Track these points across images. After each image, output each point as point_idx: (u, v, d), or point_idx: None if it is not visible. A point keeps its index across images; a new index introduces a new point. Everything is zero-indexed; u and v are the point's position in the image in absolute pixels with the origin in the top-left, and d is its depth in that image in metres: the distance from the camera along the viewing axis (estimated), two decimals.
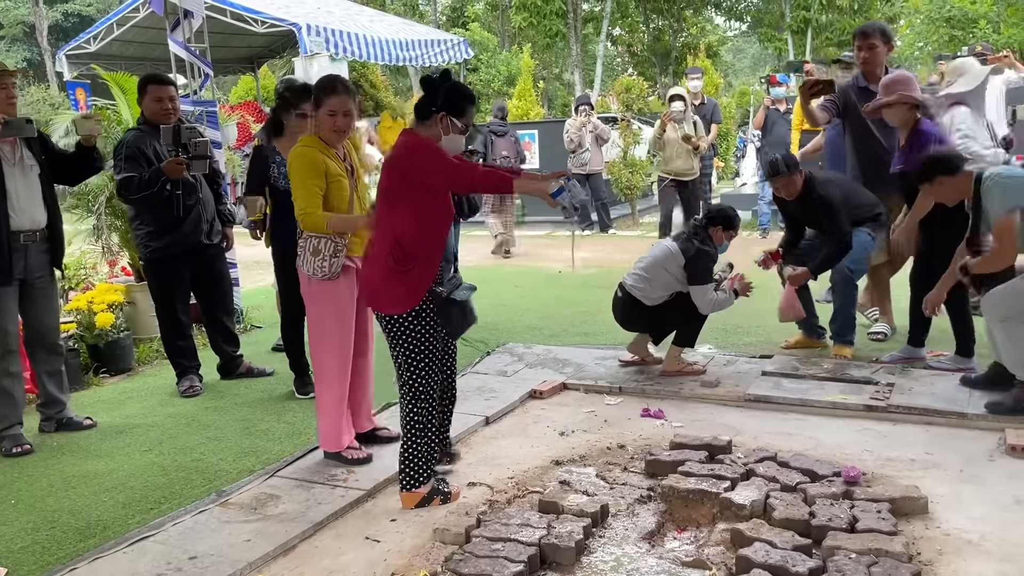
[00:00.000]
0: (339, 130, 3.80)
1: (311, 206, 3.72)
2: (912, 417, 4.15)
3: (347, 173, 3.87)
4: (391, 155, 3.41)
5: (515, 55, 28.43)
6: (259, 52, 15.13)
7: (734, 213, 5.02)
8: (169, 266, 5.15)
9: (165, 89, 5.09)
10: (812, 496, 3.23)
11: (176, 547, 3.14)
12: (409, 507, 3.47)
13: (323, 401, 3.91)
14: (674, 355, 5.00)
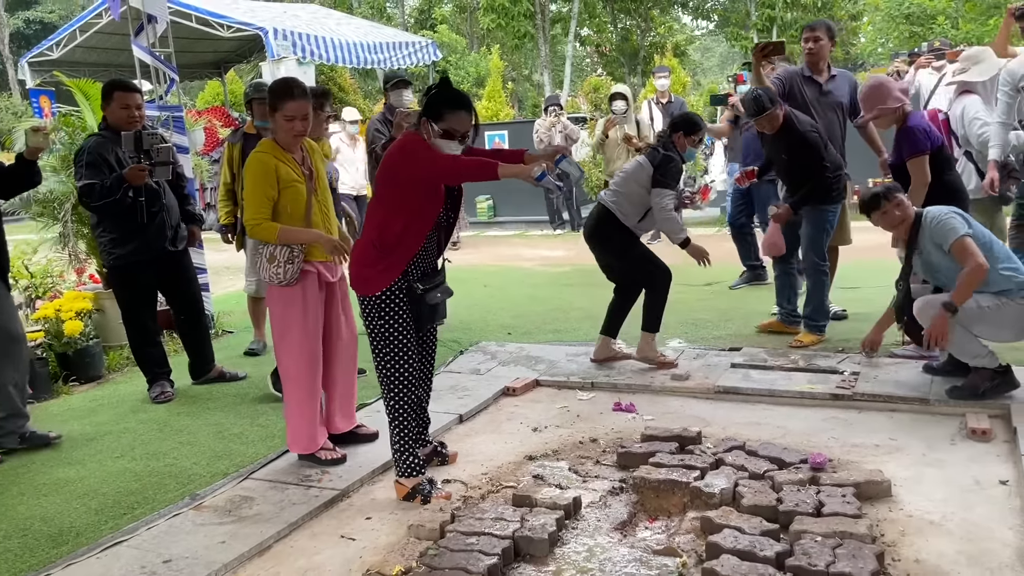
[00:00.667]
0: (297, 134, 3.80)
1: (259, 216, 3.72)
2: (877, 404, 4.24)
3: (305, 178, 3.85)
4: (387, 153, 3.51)
5: (484, 57, 28.47)
6: (226, 57, 15.07)
7: (697, 118, 5.08)
8: (133, 273, 5.12)
9: (132, 96, 5.05)
10: (780, 483, 3.30)
11: (150, 551, 3.14)
12: (400, 498, 3.52)
13: (288, 403, 3.93)
14: (647, 340, 5.06)
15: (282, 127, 3.78)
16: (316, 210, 3.90)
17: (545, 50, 28.22)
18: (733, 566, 2.69)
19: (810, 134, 5.18)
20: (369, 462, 3.89)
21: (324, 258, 3.90)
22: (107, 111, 5.06)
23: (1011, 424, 3.81)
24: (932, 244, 4.13)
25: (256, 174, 3.73)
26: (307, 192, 3.85)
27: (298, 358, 3.87)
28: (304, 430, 3.90)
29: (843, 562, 2.66)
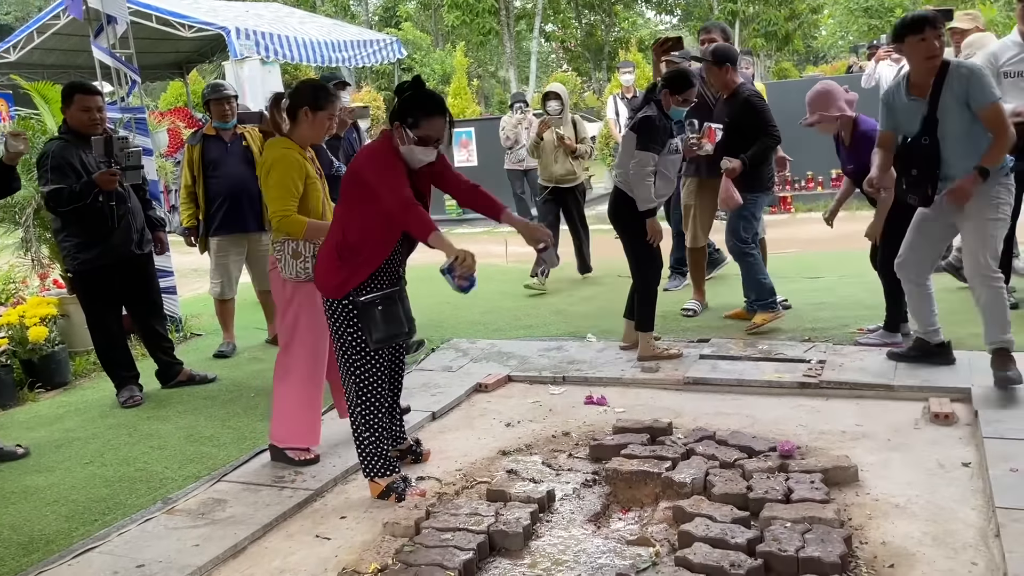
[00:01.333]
0: (330, 132, 4.00)
1: (288, 209, 3.75)
2: (843, 391, 4.32)
3: (318, 176, 3.94)
4: (357, 154, 3.54)
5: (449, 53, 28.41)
6: (188, 57, 14.90)
7: (687, 74, 5.02)
8: (99, 278, 5.06)
9: (93, 99, 4.98)
10: (749, 471, 3.35)
11: (123, 556, 3.12)
12: (374, 496, 3.54)
13: (289, 397, 3.91)
14: (644, 341, 5.09)
15: (323, 125, 3.85)
16: (328, 209, 3.95)
17: (510, 46, 28.24)
18: (705, 554, 2.74)
19: (758, 99, 5.35)
20: (343, 462, 3.89)
21: None
22: (67, 114, 4.99)
23: (972, 408, 3.90)
24: (958, 102, 3.96)
25: (287, 167, 3.75)
26: (321, 191, 3.93)
27: (310, 354, 3.92)
28: (305, 423, 3.92)
29: (812, 547, 2.71)
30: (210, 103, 5.89)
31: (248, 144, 5.90)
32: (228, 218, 5.89)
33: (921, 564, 2.70)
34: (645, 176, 4.87)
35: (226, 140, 5.89)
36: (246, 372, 5.64)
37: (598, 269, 7.91)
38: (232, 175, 5.81)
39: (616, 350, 5.33)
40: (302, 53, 13.39)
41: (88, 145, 4.93)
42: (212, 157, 5.85)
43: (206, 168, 5.85)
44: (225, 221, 5.89)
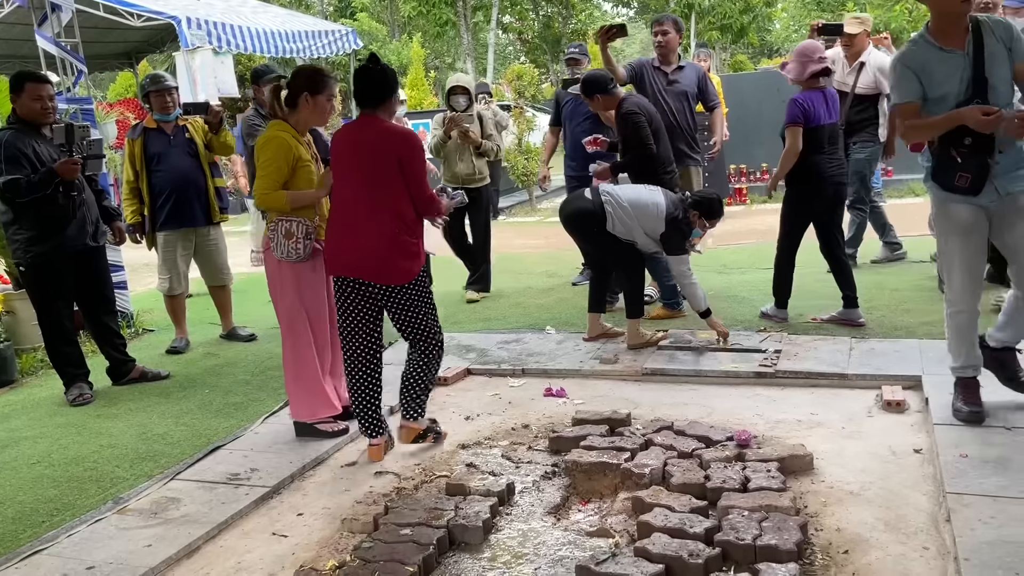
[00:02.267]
0: (330, 115, 4.03)
1: (269, 187, 3.83)
2: (798, 381, 4.37)
3: (313, 160, 3.99)
4: (385, 140, 3.65)
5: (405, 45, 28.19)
6: (137, 47, 14.53)
7: (719, 204, 5.07)
8: (52, 271, 4.93)
9: (44, 87, 4.87)
10: (707, 461, 3.38)
11: (72, 558, 3.04)
12: (408, 440, 3.88)
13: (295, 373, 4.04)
14: (633, 329, 5.11)
15: (324, 109, 3.93)
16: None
17: (467, 38, 28.12)
18: (664, 544, 2.75)
19: (633, 116, 5.30)
20: (300, 457, 3.84)
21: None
22: (17, 103, 4.86)
23: (923, 395, 3.98)
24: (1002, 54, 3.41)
25: (275, 149, 3.83)
26: (317, 175, 3.98)
27: (316, 331, 4.01)
28: (311, 400, 4.06)
29: (769, 535, 2.74)
30: (150, 95, 5.75)
31: (191, 136, 5.79)
32: (174, 213, 5.77)
33: (874, 549, 2.74)
34: (689, 277, 4.96)
35: (168, 133, 5.76)
36: (200, 368, 5.54)
37: (554, 262, 7.91)
38: (176, 168, 5.70)
39: (576, 342, 5.33)
40: (255, 43, 13.15)
41: (39, 136, 4.83)
42: (155, 151, 5.72)
43: (149, 162, 5.71)
44: (171, 216, 5.78)
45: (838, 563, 2.68)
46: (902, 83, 3.52)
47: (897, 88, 3.56)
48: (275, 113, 4.00)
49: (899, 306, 5.57)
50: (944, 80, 3.42)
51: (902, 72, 3.51)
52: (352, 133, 3.77)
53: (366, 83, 3.69)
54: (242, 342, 6.06)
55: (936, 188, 3.57)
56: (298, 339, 4.02)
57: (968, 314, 3.62)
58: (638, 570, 2.62)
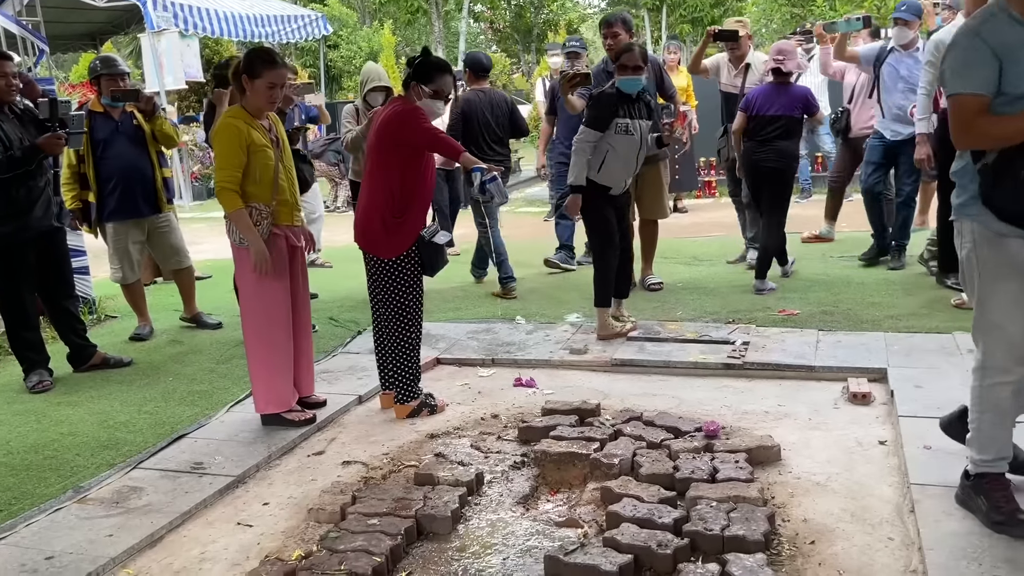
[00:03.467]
0: (274, 102, 3.93)
1: (231, 182, 3.79)
2: (766, 372, 4.40)
3: (272, 144, 3.92)
4: (383, 118, 3.99)
5: (376, 31, 27.95)
6: (101, 28, 14.24)
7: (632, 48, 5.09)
8: (16, 253, 4.82)
9: (7, 64, 4.78)
10: (676, 451, 3.38)
11: (30, 548, 2.97)
12: (401, 417, 4.08)
13: (259, 365, 3.98)
14: (601, 319, 5.10)
15: (263, 95, 3.86)
16: (283, 176, 3.98)
17: (439, 26, 27.97)
18: (633, 534, 2.75)
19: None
20: (265, 446, 3.79)
21: (290, 222, 4.03)
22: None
23: (888, 388, 4.02)
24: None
25: (229, 137, 3.79)
26: (275, 159, 3.92)
27: (270, 319, 3.95)
28: (279, 390, 4.00)
29: (737, 525, 2.75)
30: (101, 78, 5.57)
31: (139, 123, 5.65)
32: (122, 202, 5.63)
33: (840, 540, 2.76)
34: (579, 147, 4.91)
35: (116, 119, 5.61)
36: (163, 355, 5.45)
37: (524, 252, 7.88)
38: (124, 155, 5.54)
39: (546, 332, 5.33)
40: (223, 27, 12.97)
41: (2, 113, 4.74)
42: (101, 136, 5.56)
43: (95, 148, 5.55)
44: (120, 206, 5.64)
45: (805, 553, 2.70)
46: (974, 67, 2.55)
47: (963, 73, 2.58)
48: (234, 98, 3.99)
49: (865, 299, 5.64)
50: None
51: (979, 52, 2.54)
52: (377, 114, 4.28)
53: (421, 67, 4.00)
54: (208, 329, 5.96)
55: (988, 218, 2.64)
56: (259, 326, 3.97)
57: (1016, 385, 2.72)
58: (607, 560, 2.62)
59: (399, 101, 4.03)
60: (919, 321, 5.02)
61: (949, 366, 4.17)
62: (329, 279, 7.27)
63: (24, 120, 4.88)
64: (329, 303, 6.44)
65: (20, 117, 4.86)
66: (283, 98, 5.61)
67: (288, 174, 4.04)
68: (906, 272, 6.26)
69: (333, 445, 3.86)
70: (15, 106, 4.86)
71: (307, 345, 4.22)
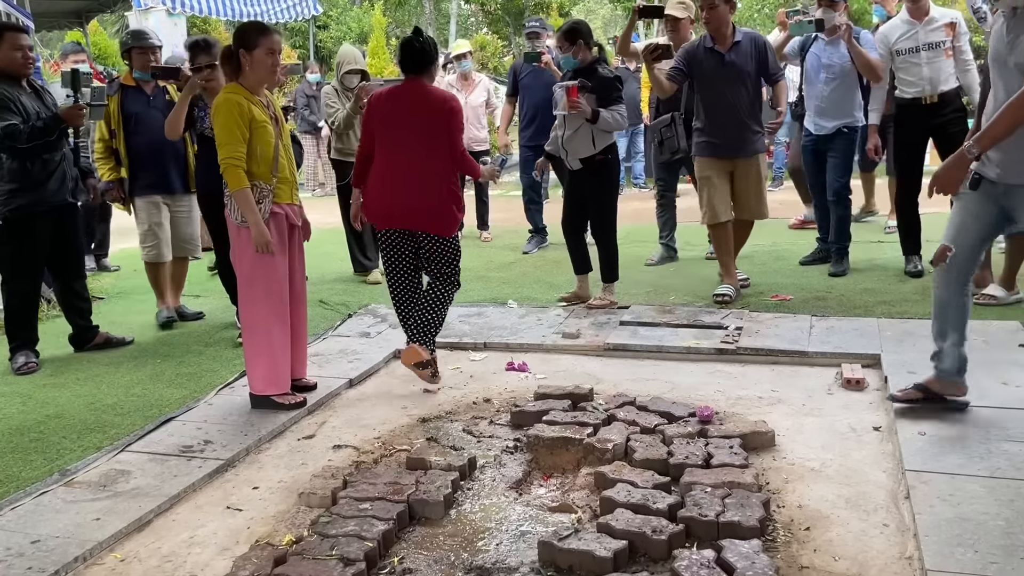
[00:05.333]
0: (275, 70, 3.88)
1: (237, 158, 3.75)
2: (759, 358, 4.39)
3: (272, 121, 3.88)
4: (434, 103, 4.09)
5: (366, 12, 27.69)
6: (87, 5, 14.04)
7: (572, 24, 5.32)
8: (32, 225, 4.77)
9: (23, 37, 4.74)
10: (669, 436, 3.36)
11: (16, 531, 2.92)
12: (408, 363, 4.18)
13: (254, 344, 3.92)
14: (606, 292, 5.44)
15: (263, 63, 3.81)
16: (282, 154, 3.95)
17: (429, 7, 27.73)
18: (627, 519, 2.72)
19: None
20: (255, 429, 3.75)
21: (289, 200, 3.99)
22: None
23: (882, 373, 4.01)
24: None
25: (228, 111, 3.74)
26: (275, 135, 3.87)
27: (268, 300, 3.90)
28: (278, 369, 3.96)
29: (732, 511, 2.73)
30: (132, 51, 5.44)
31: (171, 98, 5.53)
32: (154, 178, 5.51)
33: (835, 526, 2.75)
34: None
35: (148, 93, 5.51)
36: (152, 338, 5.39)
37: (515, 236, 7.85)
38: (156, 130, 5.36)
39: (538, 316, 5.30)
40: (211, 6, 12.80)
41: (19, 87, 4.70)
42: (133, 110, 5.45)
43: (126, 122, 5.44)
44: (153, 180, 5.52)
45: (800, 539, 2.69)
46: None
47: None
48: (229, 78, 3.89)
49: (857, 285, 5.63)
50: None
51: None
52: (399, 95, 4.14)
53: (411, 53, 4.10)
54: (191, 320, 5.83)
55: None
56: (258, 306, 3.92)
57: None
58: (601, 546, 2.60)
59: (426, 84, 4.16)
60: (912, 307, 5.01)
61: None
62: (319, 261, 7.21)
63: (41, 94, 4.85)
64: (319, 285, 6.39)
65: (37, 92, 4.84)
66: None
67: (287, 152, 4.01)
68: (897, 257, 6.21)
69: (324, 429, 3.82)
70: (32, 80, 4.82)
71: (302, 326, 4.18)
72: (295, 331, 4.10)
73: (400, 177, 4.08)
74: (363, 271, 6.70)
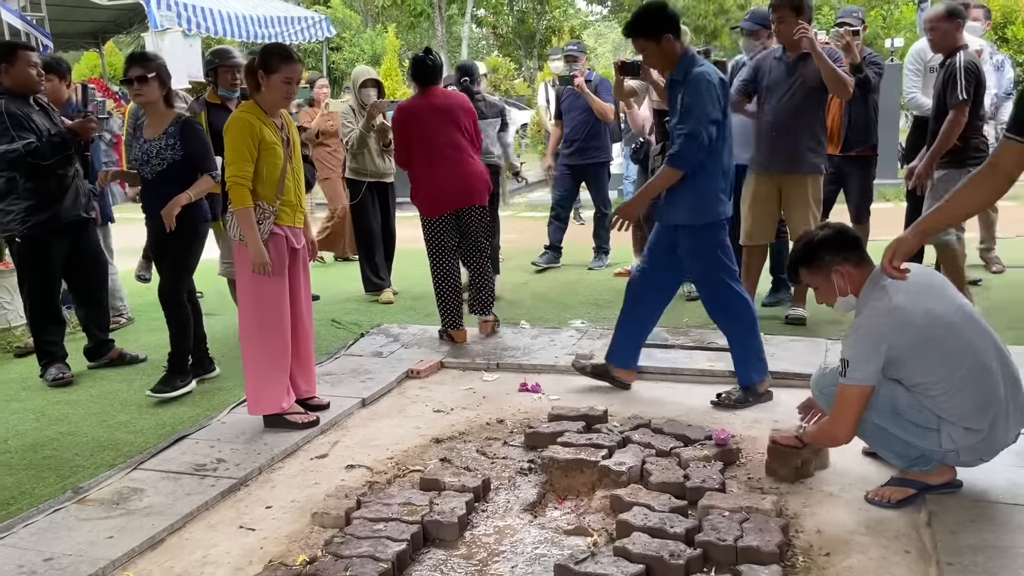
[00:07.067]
0: (289, 98, 3.93)
1: (241, 176, 3.77)
2: (774, 381, 4.33)
3: (283, 143, 3.90)
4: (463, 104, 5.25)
5: (379, 34, 27.94)
6: (104, 27, 14.23)
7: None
8: (49, 243, 4.81)
9: (33, 55, 4.82)
10: (686, 460, 3.33)
11: (29, 549, 2.91)
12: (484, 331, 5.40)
13: (253, 365, 3.91)
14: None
15: (279, 90, 3.84)
16: (289, 176, 3.95)
17: (441, 30, 27.95)
18: (644, 543, 2.69)
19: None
20: (268, 448, 3.73)
21: (291, 223, 3.98)
22: (9, 73, 4.72)
23: None
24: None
25: (239, 131, 3.78)
26: (284, 158, 3.88)
27: (263, 319, 3.90)
28: (271, 391, 3.93)
29: (751, 536, 2.70)
30: (217, 70, 5.48)
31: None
32: None
33: (856, 552, 2.71)
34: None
35: (232, 110, 5.53)
36: (163, 355, 5.35)
37: (528, 256, 7.84)
38: None
39: (551, 337, 5.28)
40: (226, 27, 12.91)
41: (28, 104, 4.76)
42: (218, 128, 5.46)
43: (214, 140, 5.48)
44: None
45: (820, 565, 2.65)
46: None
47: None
48: (250, 93, 3.93)
49: None
50: None
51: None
52: (431, 101, 5.15)
53: (424, 67, 5.15)
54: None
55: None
56: (252, 325, 3.92)
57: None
58: (618, 570, 2.57)
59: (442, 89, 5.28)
60: None
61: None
62: (330, 281, 7.22)
63: (48, 112, 4.91)
64: (331, 305, 6.39)
65: (44, 109, 4.90)
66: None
67: (295, 175, 4.01)
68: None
69: (336, 448, 3.80)
70: (39, 98, 4.88)
71: (307, 347, 4.16)
72: (301, 351, 4.09)
73: (440, 167, 5.01)
74: (375, 290, 6.70)
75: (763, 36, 5.65)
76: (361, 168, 6.62)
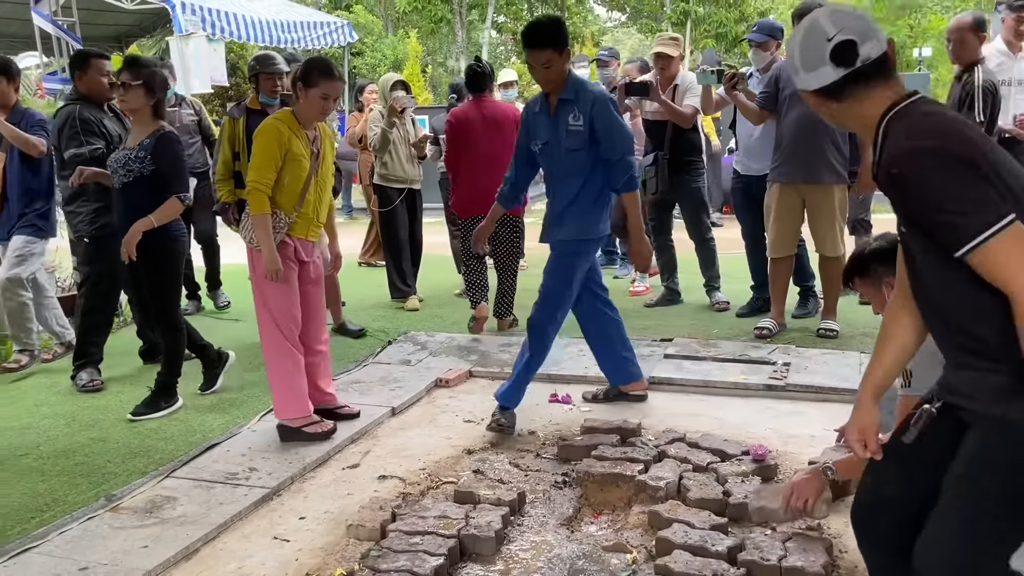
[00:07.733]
0: (325, 113, 3.92)
1: (262, 182, 3.77)
2: (809, 395, 4.29)
3: (311, 156, 3.89)
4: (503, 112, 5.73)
5: (401, 40, 28.03)
6: (128, 31, 14.35)
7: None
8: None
9: (106, 63, 4.93)
10: (724, 475, 3.28)
11: (64, 558, 2.90)
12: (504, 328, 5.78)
13: (274, 370, 3.95)
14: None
15: (316, 105, 3.84)
16: (312, 189, 3.94)
17: (461, 35, 27.98)
18: (686, 562, 2.65)
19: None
20: (299, 458, 3.71)
21: (303, 236, 3.96)
22: (83, 80, 4.85)
23: None
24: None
25: (268, 139, 3.79)
26: (309, 171, 3.87)
27: (276, 326, 3.90)
28: (294, 395, 3.93)
29: (795, 556, 2.65)
30: (259, 76, 5.43)
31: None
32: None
33: None
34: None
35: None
36: (193, 363, 5.36)
37: None
38: None
39: (580, 347, 5.21)
40: (250, 32, 12.97)
41: (101, 111, 4.89)
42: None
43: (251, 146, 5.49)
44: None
45: None
46: None
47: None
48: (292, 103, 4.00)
49: None
50: None
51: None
52: (481, 111, 5.66)
53: (474, 76, 5.65)
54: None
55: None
56: (268, 331, 3.93)
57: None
58: None
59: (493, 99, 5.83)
60: None
61: None
62: (358, 288, 7.21)
63: (121, 118, 4.99)
64: (356, 311, 6.37)
65: (117, 115, 4.99)
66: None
67: (319, 190, 3.98)
68: None
69: (368, 458, 3.78)
70: (113, 105, 4.96)
71: (319, 359, 4.13)
72: (314, 364, 4.07)
73: (482, 173, 5.34)
74: (401, 297, 6.68)
75: (772, 47, 5.59)
76: (391, 175, 6.58)
